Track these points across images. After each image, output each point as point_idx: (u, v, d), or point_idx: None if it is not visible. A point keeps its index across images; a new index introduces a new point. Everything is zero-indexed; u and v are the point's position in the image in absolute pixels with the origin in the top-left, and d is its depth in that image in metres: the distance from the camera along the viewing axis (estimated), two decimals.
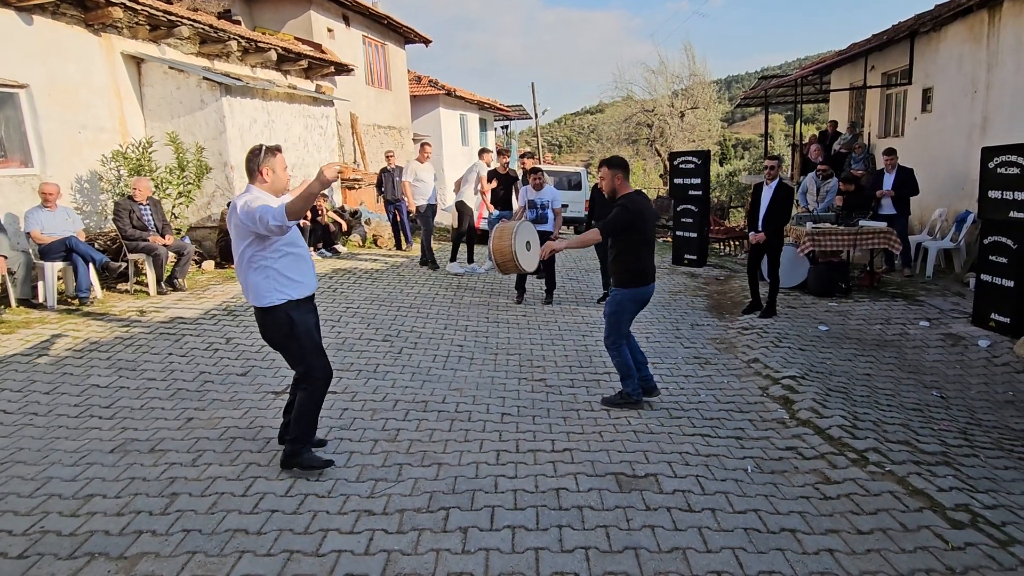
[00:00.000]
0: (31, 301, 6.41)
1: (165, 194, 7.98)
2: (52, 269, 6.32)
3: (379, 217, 11.72)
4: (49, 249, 6.33)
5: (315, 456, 3.33)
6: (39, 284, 6.39)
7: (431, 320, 6.48)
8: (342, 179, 11.74)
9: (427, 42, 17.23)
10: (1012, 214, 5.63)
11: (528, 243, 6.79)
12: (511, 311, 6.99)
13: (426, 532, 2.81)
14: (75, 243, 6.39)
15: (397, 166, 10.32)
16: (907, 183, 8.12)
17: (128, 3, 7.49)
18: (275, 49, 10.46)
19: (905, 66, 10.54)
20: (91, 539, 2.71)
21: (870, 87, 12.05)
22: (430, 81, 18.73)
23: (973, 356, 5.45)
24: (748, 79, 62.04)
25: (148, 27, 8.32)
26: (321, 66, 12.05)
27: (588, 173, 16.85)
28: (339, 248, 9.83)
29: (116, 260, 7.18)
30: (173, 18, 8.30)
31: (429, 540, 2.75)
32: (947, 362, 5.43)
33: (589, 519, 2.92)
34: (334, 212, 10.40)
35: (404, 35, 16.41)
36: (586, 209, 10.15)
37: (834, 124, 13.71)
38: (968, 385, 4.97)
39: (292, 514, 2.93)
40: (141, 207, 6.99)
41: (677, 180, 10.07)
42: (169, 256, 7.14)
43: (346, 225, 10.35)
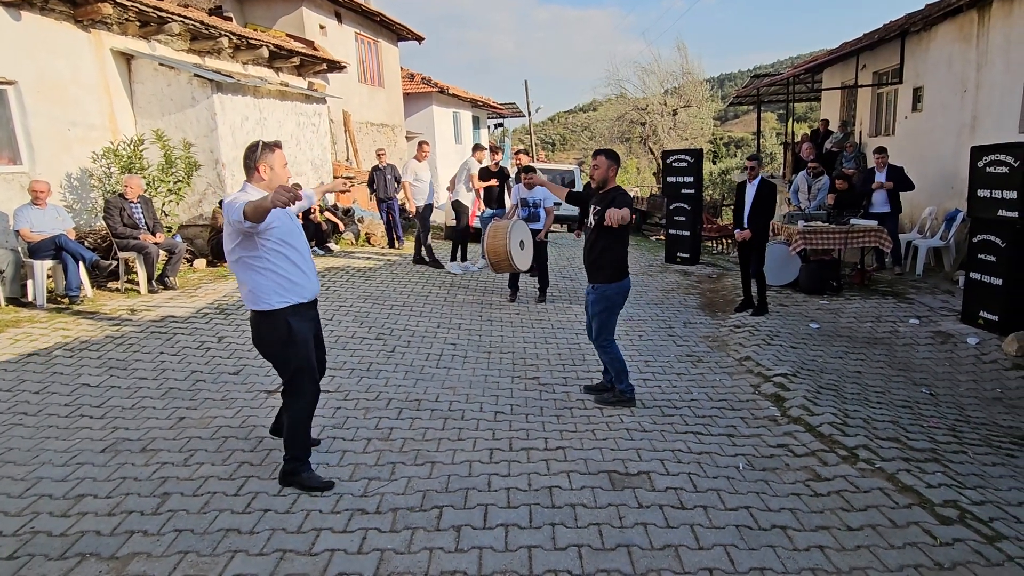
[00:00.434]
0: (20, 300, 6.36)
1: (156, 192, 7.93)
2: (42, 268, 6.28)
3: (372, 215, 11.69)
4: (39, 247, 6.28)
5: (316, 476, 3.21)
6: (28, 283, 6.34)
7: (424, 318, 6.48)
8: (334, 177, 11.69)
9: (420, 39, 17.18)
10: (1001, 213, 5.68)
11: (522, 242, 6.80)
12: (504, 309, 7.00)
13: (419, 531, 2.81)
14: (65, 241, 6.35)
15: (389, 164, 10.28)
16: (901, 180, 8.20)
17: None
18: (267, 46, 10.40)
19: (896, 65, 10.61)
20: (82, 539, 2.70)
21: (861, 86, 12.12)
22: (423, 79, 18.69)
23: (962, 353, 5.51)
24: (741, 77, 62.20)
25: (138, 23, 8.26)
26: (313, 63, 11.99)
27: (582, 171, 16.84)
28: (332, 246, 9.80)
29: (106, 258, 7.13)
30: (163, 14, 8.24)
31: (422, 539, 2.75)
32: (936, 359, 5.48)
33: (582, 517, 2.93)
34: (328, 211, 10.37)
35: (397, 32, 16.36)
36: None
37: (825, 123, 13.79)
38: (957, 382, 5.01)
39: (285, 513, 2.93)
40: (132, 205, 6.95)
41: (670, 178, 10.10)
42: (160, 254, 7.10)
43: (340, 223, 10.32)
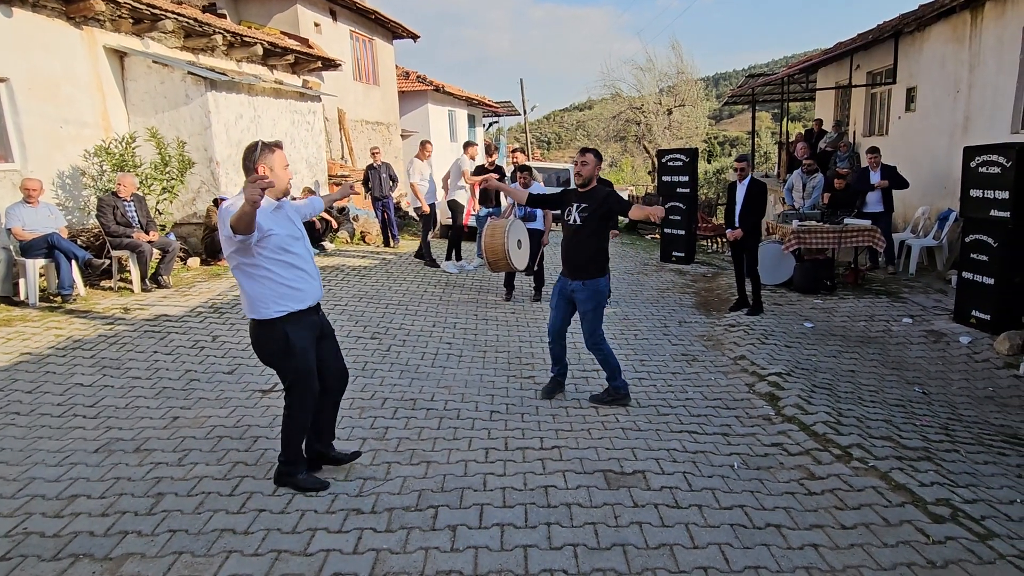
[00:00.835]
0: (12, 299, 6.31)
1: (149, 190, 7.89)
2: (34, 266, 6.23)
3: (367, 214, 11.65)
4: (31, 246, 6.24)
5: (312, 477, 3.18)
6: (20, 281, 6.30)
7: (420, 317, 6.47)
8: (329, 175, 11.66)
9: (415, 37, 17.13)
10: (993, 213, 5.71)
11: (519, 241, 6.80)
12: (500, 308, 7.00)
13: (415, 530, 2.81)
14: (57, 240, 6.30)
15: (384, 162, 10.26)
16: (895, 178, 8.25)
17: None
18: (261, 44, 10.35)
19: (890, 65, 10.66)
20: (75, 540, 2.69)
21: (855, 86, 12.17)
22: (418, 77, 18.63)
23: (954, 352, 5.54)
24: (735, 76, 62.40)
25: (131, 20, 8.20)
26: (308, 61, 11.94)
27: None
28: (326, 245, 9.77)
29: (99, 257, 7.09)
30: (157, 11, 8.18)
31: (418, 538, 2.75)
32: (929, 358, 5.51)
33: (577, 516, 2.94)
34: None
35: (392, 30, 16.30)
36: None
37: (819, 122, 13.85)
38: (949, 381, 5.05)
39: (280, 513, 2.92)
40: (125, 203, 6.90)
41: (665, 177, 10.12)
42: (154, 253, 7.06)
43: (335, 222, 10.29)
